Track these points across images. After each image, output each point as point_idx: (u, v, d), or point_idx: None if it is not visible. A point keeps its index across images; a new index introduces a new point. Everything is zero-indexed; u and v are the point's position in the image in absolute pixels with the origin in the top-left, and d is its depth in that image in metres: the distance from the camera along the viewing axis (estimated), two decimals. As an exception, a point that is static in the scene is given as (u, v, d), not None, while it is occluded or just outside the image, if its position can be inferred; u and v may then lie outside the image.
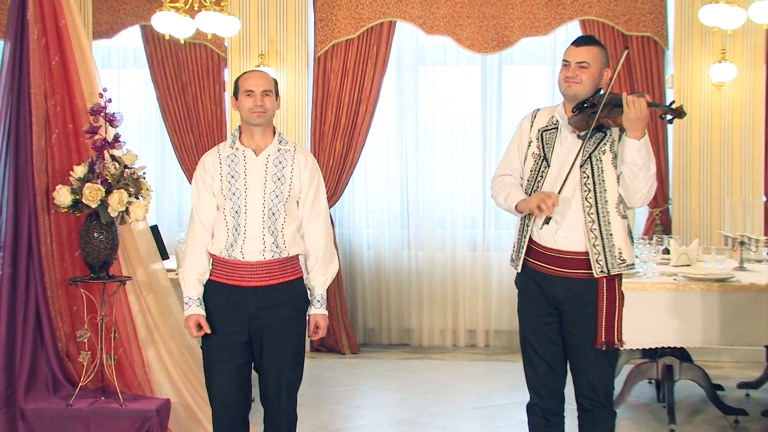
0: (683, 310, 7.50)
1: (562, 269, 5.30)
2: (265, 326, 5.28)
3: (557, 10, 10.65)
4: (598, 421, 5.45)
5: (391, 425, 8.10)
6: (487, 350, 11.09)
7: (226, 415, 5.37)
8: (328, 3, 10.84)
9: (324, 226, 5.43)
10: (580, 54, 5.27)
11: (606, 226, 5.23)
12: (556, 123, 5.37)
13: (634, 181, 5.21)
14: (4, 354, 5.82)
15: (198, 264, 5.33)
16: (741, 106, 10.40)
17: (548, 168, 5.30)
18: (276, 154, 5.36)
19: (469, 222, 11.15)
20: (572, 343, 5.38)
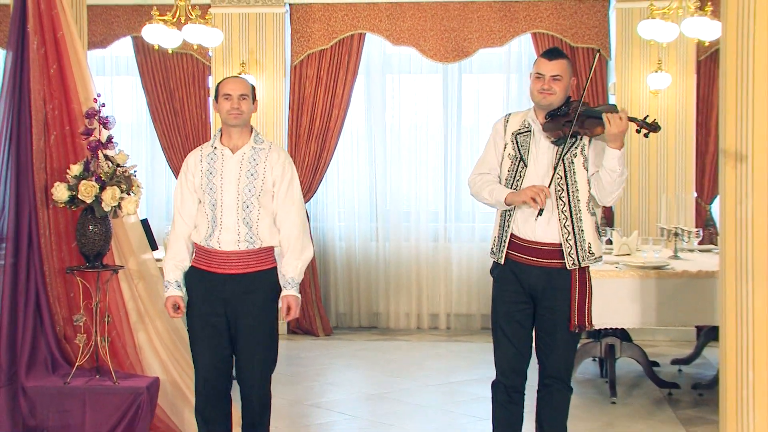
0: (624, 295, 7.55)
1: (539, 259, 5.34)
2: (239, 311, 5.30)
3: (511, 23, 10.68)
4: (557, 396, 5.51)
5: (360, 400, 8.14)
6: (448, 332, 11.11)
7: (209, 389, 5.38)
8: (303, 16, 10.85)
9: (297, 215, 5.42)
10: (554, 68, 5.31)
11: (578, 222, 5.29)
12: (528, 127, 5.39)
13: (611, 185, 5.27)
14: (7, 336, 5.81)
15: (177, 252, 5.37)
16: (675, 111, 10.47)
17: (525, 168, 5.33)
18: (251, 152, 5.36)
19: (432, 216, 11.16)
20: (546, 327, 5.42)
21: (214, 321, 5.31)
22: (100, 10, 10.56)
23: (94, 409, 5.74)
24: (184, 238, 5.38)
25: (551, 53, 5.39)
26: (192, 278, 5.37)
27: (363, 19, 10.81)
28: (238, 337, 5.34)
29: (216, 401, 5.41)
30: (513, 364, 5.48)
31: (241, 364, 5.40)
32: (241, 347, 5.35)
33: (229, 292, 5.29)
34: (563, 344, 5.42)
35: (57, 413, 5.75)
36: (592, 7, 10.65)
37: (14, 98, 6.00)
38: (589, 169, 5.34)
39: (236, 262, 5.31)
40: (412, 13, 10.78)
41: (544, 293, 5.36)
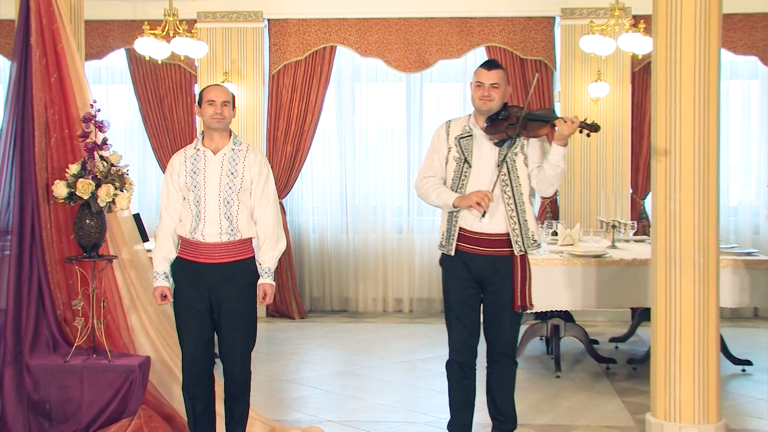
0: (568, 281, 7.61)
1: (487, 248, 5.39)
2: (222, 297, 5.30)
3: (467, 37, 10.71)
4: (505, 370, 5.57)
5: (332, 376, 8.16)
6: (411, 315, 11.14)
7: (194, 368, 5.38)
8: (280, 31, 10.84)
9: (272, 210, 5.42)
10: (492, 77, 5.36)
11: (522, 214, 5.36)
12: (470, 131, 5.43)
13: (554, 178, 5.37)
14: (12, 319, 5.78)
15: (164, 245, 5.38)
16: (612, 116, 10.54)
17: (470, 169, 5.38)
18: (231, 153, 5.37)
19: (397, 210, 11.19)
20: (493, 308, 5.47)
21: (198, 306, 5.31)
22: (96, 24, 10.49)
23: (91, 385, 5.71)
24: (170, 233, 5.39)
25: (489, 64, 5.45)
26: (179, 268, 5.38)
27: (334, 33, 10.81)
28: (221, 319, 5.35)
29: (200, 379, 5.41)
30: (465, 344, 5.52)
31: (223, 344, 5.40)
32: (224, 328, 5.36)
33: (213, 280, 5.30)
34: (509, 324, 5.49)
35: (58, 389, 5.71)
36: (539, 23, 10.68)
37: (18, 104, 5.97)
38: (529, 165, 5.41)
39: (219, 252, 5.31)
40: (379, 27, 10.79)
41: (490, 279, 5.42)
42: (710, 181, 5.92)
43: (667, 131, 5.95)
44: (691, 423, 5.94)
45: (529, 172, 5.42)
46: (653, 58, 6.10)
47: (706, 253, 5.91)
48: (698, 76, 5.87)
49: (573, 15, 10.53)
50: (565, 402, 7.13)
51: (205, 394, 5.47)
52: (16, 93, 6.00)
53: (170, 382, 6.12)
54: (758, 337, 9.59)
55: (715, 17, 5.89)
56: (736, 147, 11.11)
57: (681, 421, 5.95)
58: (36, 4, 6.06)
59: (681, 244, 5.92)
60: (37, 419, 5.72)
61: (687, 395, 5.94)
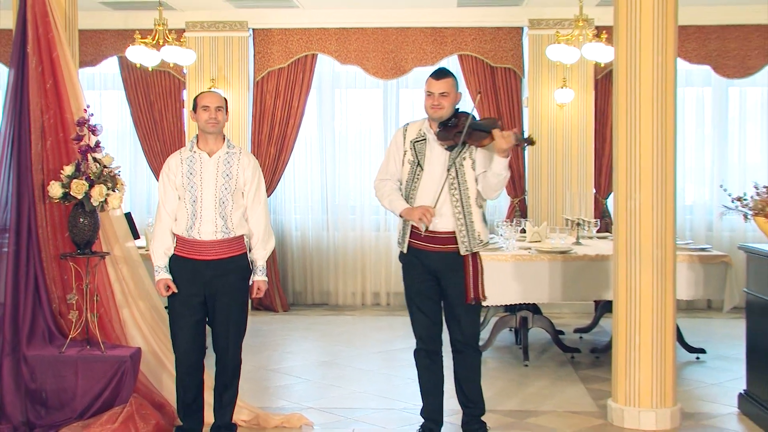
0: (535, 275, 7.63)
1: (437, 246, 5.42)
2: (216, 290, 5.34)
3: (441, 46, 10.73)
4: (468, 359, 5.58)
5: (314, 365, 8.15)
6: (388, 307, 11.15)
7: (186, 359, 5.43)
8: (264, 40, 10.84)
9: (263, 212, 5.50)
10: (441, 86, 5.38)
11: (468, 215, 5.38)
12: (424, 136, 5.46)
13: (497, 185, 5.37)
14: (10, 312, 5.76)
15: (164, 241, 5.41)
16: (577, 121, 10.59)
17: (422, 172, 5.41)
18: (225, 156, 5.41)
19: (374, 209, 11.14)
20: (449, 301, 5.50)
21: (193, 301, 5.36)
22: (90, 33, 10.46)
23: (85, 375, 5.70)
24: (168, 230, 5.43)
25: (438, 74, 5.44)
26: (175, 265, 5.40)
27: (315, 42, 10.81)
28: (215, 312, 5.39)
29: (191, 369, 5.45)
30: (429, 332, 5.56)
31: (217, 334, 5.44)
32: (218, 320, 5.40)
33: (208, 275, 5.34)
34: (465, 315, 5.50)
35: (53, 378, 5.70)
36: (509, 33, 10.70)
37: (15, 109, 5.94)
38: (476, 170, 5.42)
39: (215, 249, 5.35)
40: (357, 37, 10.79)
41: (443, 274, 5.45)
42: (667, 182, 5.98)
43: (628, 135, 6.00)
44: (649, 407, 6.02)
45: (476, 176, 5.43)
46: (614, 66, 6.15)
47: (663, 249, 5.98)
48: (656, 84, 5.93)
49: (540, 26, 10.57)
50: (532, 388, 7.14)
51: (196, 384, 5.50)
52: (14, 98, 5.98)
53: (160, 372, 6.12)
54: (711, 327, 9.67)
55: (672, 29, 5.96)
56: (692, 150, 11.17)
57: (640, 405, 6.03)
58: (33, 14, 6.06)
59: (640, 241, 5.98)
60: (34, 407, 5.71)
61: (645, 382, 6.01)
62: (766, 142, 11.10)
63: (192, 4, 10.41)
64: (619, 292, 6.12)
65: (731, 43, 10.69)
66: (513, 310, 8.23)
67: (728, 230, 10.88)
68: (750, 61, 10.70)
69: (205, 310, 5.41)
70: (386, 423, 6.17)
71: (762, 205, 6.03)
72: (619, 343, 6.12)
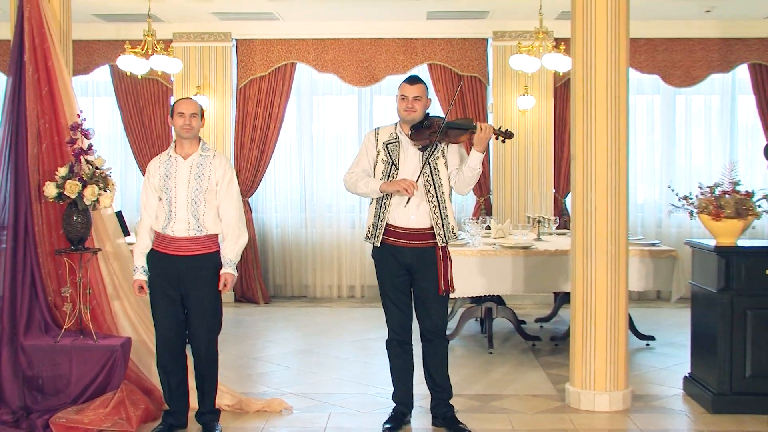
0: (499, 269, 7.64)
1: (413, 242, 5.44)
2: (189, 285, 5.34)
3: (411, 56, 10.76)
4: (437, 348, 5.60)
5: (293, 354, 8.15)
6: (362, 299, 11.17)
7: (167, 346, 5.43)
8: (246, 49, 10.83)
9: (235, 208, 5.44)
10: (415, 90, 5.42)
11: (443, 210, 5.41)
12: (396, 138, 5.49)
13: (471, 179, 5.44)
14: (8, 304, 5.74)
15: (143, 241, 5.43)
16: (538, 126, 10.64)
17: (397, 171, 5.43)
18: (199, 159, 5.40)
19: (350, 208, 11.19)
20: (421, 293, 5.51)
21: (170, 293, 5.34)
22: (83, 43, 10.41)
23: (79, 363, 5.68)
24: (148, 229, 5.42)
25: (412, 79, 5.48)
26: (152, 259, 5.40)
27: (294, 52, 10.81)
28: (189, 307, 5.38)
29: (173, 356, 5.44)
30: (401, 324, 5.58)
31: (191, 328, 5.43)
32: (192, 314, 5.38)
33: (181, 270, 5.33)
34: (435, 306, 5.52)
35: (49, 366, 5.68)
36: (475, 44, 10.75)
37: (13, 114, 5.91)
38: (449, 167, 5.47)
39: (187, 245, 5.34)
40: (334, 47, 10.80)
41: (417, 268, 5.46)
42: (620, 183, 6.02)
43: (584, 139, 6.04)
44: (603, 390, 6.07)
45: (449, 173, 5.48)
46: (572, 75, 6.19)
47: (617, 245, 6.02)
48: (610, 92, 5.97)
49: (503, 37, 10.62)
50: (496, 374, 7.17)
51: (179, 369, 5.49)
52: (11, 104, 5.95)
53: (149, 360, 6.10)
54: (660, 317, 9.74)
55: (624, 41, 6.00)
56: (642, 153, 11.25)
57: (595, 389, 6.08)
58: (29, 25, 6.03)
59: (596, 237, 6.02)
60: (32, 393, 5.69)
61: (600, 367, 6.06)
62: (709, 146, 11.22)
63: (179, 17, 10.37)
64: (576, 284, 6.16)
65: (677, 55, 10.81)
66: (478, 302, 8.26)
67: (676, 227, 10.97)
68: (694, 71, 10.82)
69: (182, 303, 5.39)
70: (361, 407, 6.18)
71: (706, 204, 6.08)
72: (576, 331, 6.16)
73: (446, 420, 5.63)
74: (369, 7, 9.92)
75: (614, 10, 5.96)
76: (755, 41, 10.74)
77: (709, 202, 6.07)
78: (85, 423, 5.45)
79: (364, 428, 5.70)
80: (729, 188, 6.09)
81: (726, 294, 6.02)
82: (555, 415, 6.00)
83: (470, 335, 8.71)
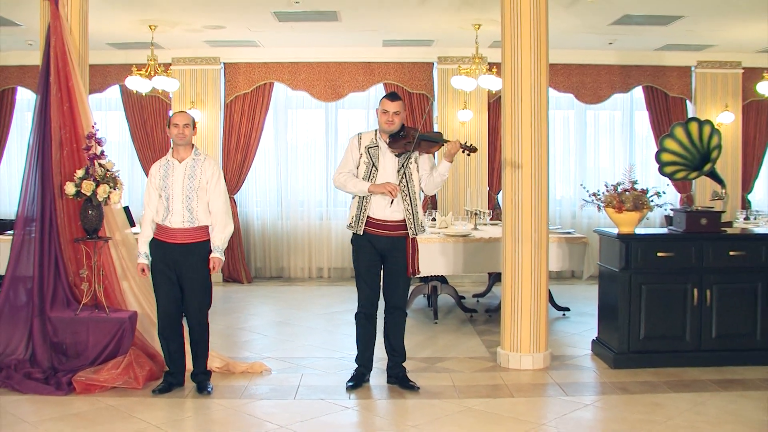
0: (443, 253, 7.69)
1: (389, 231, 5.48)
2: (183, 268, 5.39)
3: (370, 76, 10.79)
4: (398, 319, 5.67)
5: (271, 324, 8.14)
6: (330, 279, 11.17)
7: (167, 319, 5.49)
8: (233, 71, 10.80)
9: (222, 203, 5.48)
10: (394, 106, 5.45)
11: (414, 207, 5.47)
12: (376, 144, 5.51)
13: (439, 183, 5.52)
14: (37, 283, 5.73)
15: (145, 232, 5.48)
16: (475, 134, 10.67)
17: (377, 171, 5.47)
18: (192, 162, 5.45)
19: (318, 203, 11.18)
20: (392, 274, 5.55)
21: (168, 274, 5.40)
22: (98, 67, 10.31)
23: (95, 331, 5.70)
24: (150, 221, 5.46)
25: (392, 96, 5.51)
26: (154, 246, 5.45)
27: (272, 73, 10.80)
28: (183, 286, 5.42)
29: (172, 326, 5.50)
30: (370, 300, 5.62)
31: (186, 304, 5.48)
32: (186, 292, 5.43)
33: (177, 255, 5.38)
34: (402, 284, 5.59)
35: (71, 334, 5.70)
36: (422, 67, 10.78)
37: (41, 126, 5.89)
38: (420, 172, 5.53)
39: (182, 235, 5.39)
40: (306, 69, 10.80)
41: (390, 253, 5.51)
42: (542, 181, 6.12)
43: (512, 146, 6.12)
44: (528, 352, 6.16)
45: (420, 177, 5.54)
46: (503, 93, 6.25)
47: (539, 233, 6.12)
48: (533, 107, 6.06)
49: (446, 61, 10.69)
50: (440, 341, 7.22)
51: (176, 337, 5.54)
52: (39, 118, 5.94)
53: (152, 330, 6.11)
54: (574, 292, 9.84)
55: (544, 66, 6.10)
56: (561, 157, 11.35)
57: (521, 351, 6.17)
58: (55, 53, 6.04)
59: (522, 226, 6.10)
60: (57, 356, 5.72)
61: (525, 333, 6.14)
62: (613, 152, 11.37)
63: (177, 44, 10.32)
64: (506, 266, 6.22)
65: (587, 78, 10.96)
66: (426, 281, 8.30)
67: (587, 218, 11.09)
68: (601, 91, 10.98)
69: (179, 282, 5.43)
70: (328, 368, 6.21)
71: (610, 199, 6.18)
72: (506, 304, 6.22)
73: (399, 379, 5.69)
74: (334, 36, 9.94)
75: (536, 40, 6.04)
76: (648, 68, 10.97)
77: (613, 198, 6.17)
78: (101, 381, 5.50)
79: (331, 386, 5.73)
80: (629, 186, 6.19)
81: (626, 272, 6.12)
82: (488, 374, 6.06)
83: (419, 309, 8.76)
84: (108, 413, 5.06)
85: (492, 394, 5.51)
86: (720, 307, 6.16)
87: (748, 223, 8.09)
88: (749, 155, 11.25)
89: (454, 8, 8.41)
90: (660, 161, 6.33)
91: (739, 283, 6.18)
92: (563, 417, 5.02)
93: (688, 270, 6.14)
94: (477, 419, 4.97)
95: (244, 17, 8.90)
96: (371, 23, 9.22)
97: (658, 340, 6.16)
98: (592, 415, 5.10)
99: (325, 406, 5.27)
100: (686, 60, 10.94)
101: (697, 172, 6.27)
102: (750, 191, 11.27)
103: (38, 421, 4.88)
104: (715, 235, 6.21)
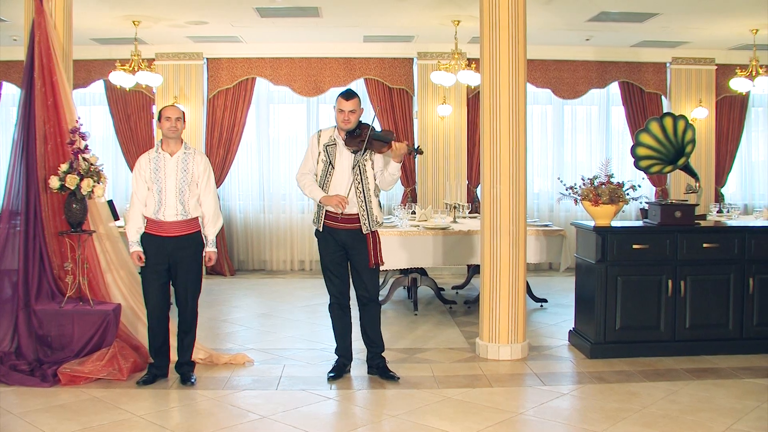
0: (423, 246, 7.71)
1: (346, 224, 5.49)
2: (177, 259, 5.40)
3: (351, 71, 10.79)
4: (371, 310, 5.66)
5: (254, 316, 8.15)
6: (311, 272, 11.16)
7: (155, 313, 5.49)
8: (215, 66, 10.77)
9: (213, 198, 5.53)
10: (350, 105, 5.44)
11: (368, 203, 5.47)
12: (334, 141, 5.52)
13: (391, 182, 5.52)
14: (22, 276, 5.70)
15: (136, 222, 5.44)
16: (454, 129, 10.72)
17: (333, 169, 5.48)
18: (183, 156, 5.45)
19: (300, 197, 11.16)
20: (355, 266, 5.55)
21: (159, 268, 5.39)
22: (82, 62, 10.25)
23: (79, 324, 5.68)
24: (139, 212, 5.44)
25: (347, 95, 5.49)
26: (146, 240, 5.43)
27: (254, 69, 10.79)
28: (177, 276, 5.43)
29: (159, 320, 5.50)
30: (340, 291, 5.63)
31: (178, 293, 5.49)
32: (179, 282, 5.45)
33: (171, 247, 5.38)
34: (368, 276, 5.57)
35: (56, 326, 5.67)
36: (402, 62, 10.80)
37: (25, 120, 5.86)
38: (375, 169, 5.53)
39: (175, 227, 5.39)
40: (287, 64, 10.80)
41: (351, 246, 5.52)
42: (520, 175, 6.13)
43: (491, 140, 6.14)
44: (506, 343, 6.19)
45: (374, 173, 5.54)
46: (481, 88, 6.26)
47: (517, 225, 6.14)
48: (512, 102, 6.08)
49: (426, 57, 10.71)
50: (419, 331, 7.24)
51: (163, 331, 5.55)
52: (24, 112, 5.90)
53: (136, 322, 6.11)
54: (552, 284, 9.88)
55: (522, 62, 6.12)
56: (538, 152, 11.41)
57: (499, 342, 6.19)
58: (39, 48, 6.00)
59: (500, 219, 6.12)
60: (42, 348, 5.70)
61: (503, 324, 6.17)
62: (590, 146, 11.44)
63: (160, 40, 10.28)
64: (485, 258, 6.24)
65: (565, 74, 11.02)
66: (406, 273, 8.31)
67: (564, 211, 11.17)
68: (578, 87, 11.05)
69: (169, 275, 5.44)
70: (310, 360, 6.22)
71: (587, 193, 6.21)
72: (484, 296, 6.25)
73: (379, 369, 5.70)
74: (316, 32, 9.94)
75: (514, 36, 6.06)
76: (624, 64, 11.06)
77: (589, 191, 6.20)
78: (86, 372, 5.48)
79: (313, 377, 5.74)
80: (605, 180, 6.21)
81: (602, 264, 6.16)
82: (467, 364, 6.08)
83: (399, 300, 8.78)
84: (93, 404, 5.06)
85: (471, 384, 5.54)
86: (694, 298, 6.23)
87: (721, 216, 8.17)
88: (722, 150, 11.37)
89: (434, 5, 8.44)
90: (635, 155, 6.39)
91: (713, 274, 6.25)
92: (541, 406, 5.06)
93: (662, 262, 6.20)
94: (456, 409, 5.00)
95: (227, 13, 8.88)
96: (352, 19, 9.23)
97: (633, 331, 6.21)
98: (569, 404, 5.15)
99: (306, 396, 5.28)
100: (661, 56, 11.05)
101: (672, 166, 6.34)
102: (723, 185, 11.38)
103: (24, 413, 4.87)
104: (689, 228, 6.27)
